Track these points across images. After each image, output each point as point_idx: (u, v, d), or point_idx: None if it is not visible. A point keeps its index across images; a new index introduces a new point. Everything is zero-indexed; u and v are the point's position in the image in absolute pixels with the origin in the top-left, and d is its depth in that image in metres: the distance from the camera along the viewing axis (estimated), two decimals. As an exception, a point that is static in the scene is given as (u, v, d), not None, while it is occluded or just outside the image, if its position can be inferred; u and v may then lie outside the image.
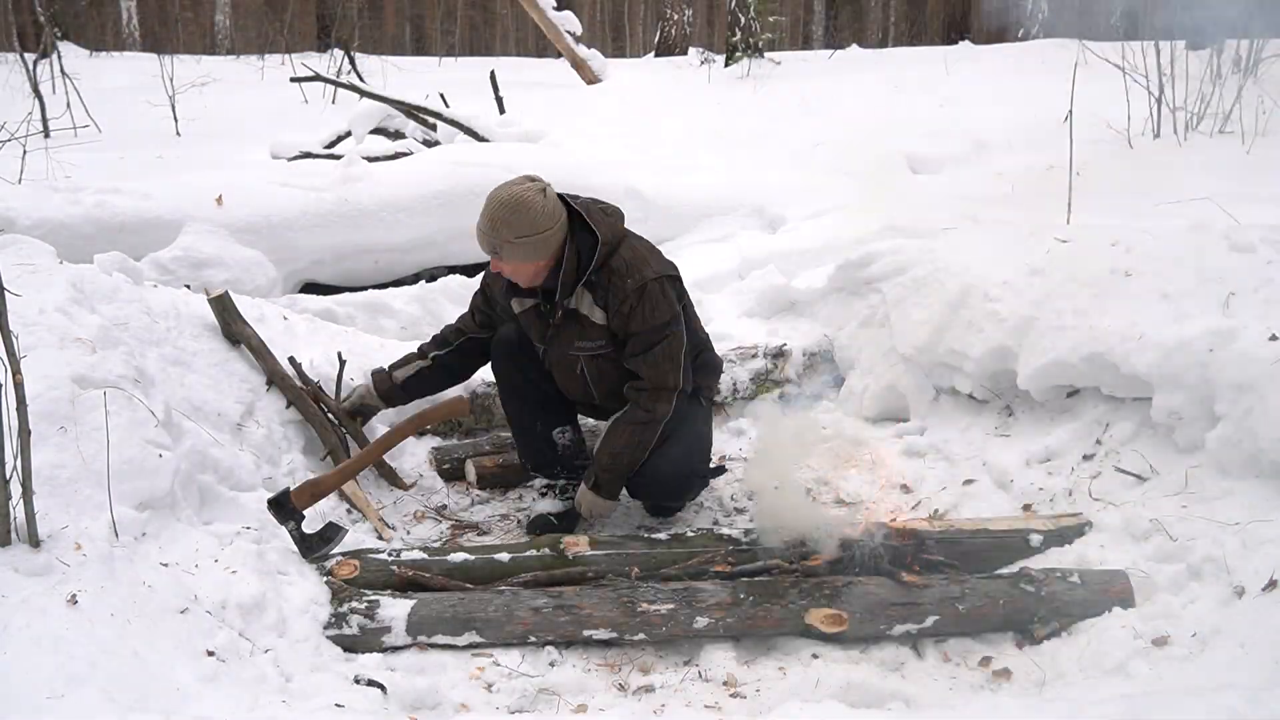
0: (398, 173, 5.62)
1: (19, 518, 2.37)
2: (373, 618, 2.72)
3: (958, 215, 4.98)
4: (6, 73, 11.35)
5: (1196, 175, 6.48)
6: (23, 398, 2.33)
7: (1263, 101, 7.88)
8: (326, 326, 4.16)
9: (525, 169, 5.57)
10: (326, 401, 3.60)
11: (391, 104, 8.02)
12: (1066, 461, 3.41)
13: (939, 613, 2.77)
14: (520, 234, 3.08)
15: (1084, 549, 2.99)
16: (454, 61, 19.53)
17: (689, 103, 10.35)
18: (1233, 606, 2.52)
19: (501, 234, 3.09)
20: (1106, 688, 2.36)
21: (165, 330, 3.36)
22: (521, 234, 3.09)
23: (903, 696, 2.55)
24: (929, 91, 10.40)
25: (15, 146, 5.74)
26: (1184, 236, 3.48)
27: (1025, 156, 7.88)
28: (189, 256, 4.72)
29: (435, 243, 5.49)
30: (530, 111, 9.15)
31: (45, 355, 2.74)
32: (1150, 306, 3.28)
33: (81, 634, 2.19)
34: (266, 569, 2.75)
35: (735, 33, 13.41)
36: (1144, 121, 8.09)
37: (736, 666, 2.70)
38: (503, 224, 3.08)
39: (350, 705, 2.31)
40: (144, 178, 5.41)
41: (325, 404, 3.59)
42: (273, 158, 7.76)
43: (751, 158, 7.36)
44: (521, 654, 2.74)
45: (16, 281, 2.84)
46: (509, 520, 3.58)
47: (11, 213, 4.59)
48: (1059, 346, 3.43)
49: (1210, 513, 2.84)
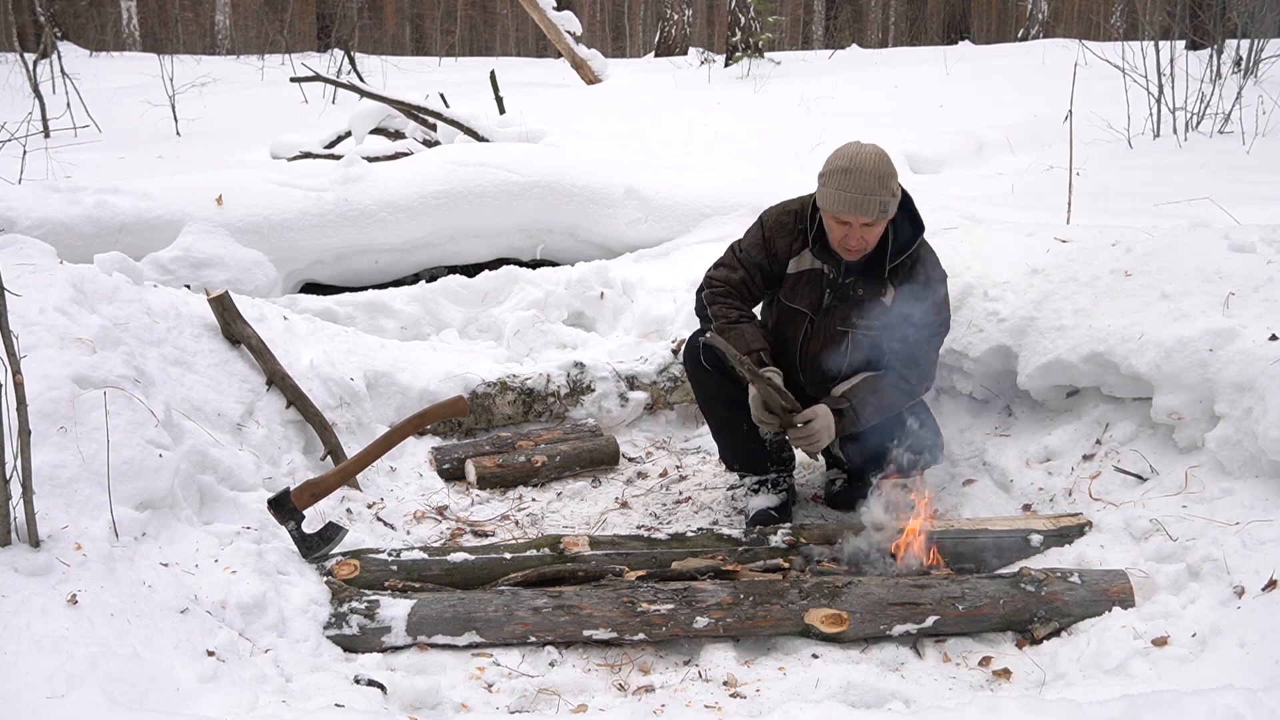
0: (398, 173, 5.62)
1: (19, 518, 2.37)
2: (373, 618, 2.72)
3: (958, 215, 4.98)
4: (6, 73, 11.37)
5: (1196, 175, 6.49)
6: (23, 398, 2.33)
7: (1263, 101, 7.89)
8: (326, 326, 4.17)
9: (525, 169, 5.65)
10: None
11: (391, 104, 8.02)
12: (1066, 461, 3.41)
13: (939, 613, 2.77)
14: (896, 190, 3.12)
15: (1084, 549, 2.99)
16: (454, 61, 19.55)
17: (689, 103, 10.35)
18: (1232, 606, 2.52)
19: (890, 187, 3.07)
20: (1106, 688, 2.36)
21: (165, 330, 3.36)
22: (896, 191, 3.12)
23: (903, 696, 2.55)
24: (929, 91, 10.41)
25: (15, 146, 5.75)
26: (1184, 236, 3.48)
27: (1025, 156, 7.91)
28: (189, 256, 4.73)
29: (435, 243, 5.50)
30: (530, 111, 9.16)
31: (45, 355, 2.74)
32: (1150, 306, 3.28)
33: (81, 634, 2.19)
34: (266, 569, 2.75)
35: (735, 33, 13.42)
36: (1144, 121, 8.10)
37: (736, 666, 2.70)
38: (889, 177, 3.07)
39: (350, 705, 2.31)
40: (144, 178, 5.41)
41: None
42: (273, 158, 7.77)
43: (751, 158, 7.37)
44: (521, 654, 2.74)
45: (16, 281, 2.84)
46: (509, 520, 3.59)
47: (11, 213, 4.59)
48: (1059, 346, 3.43)
49: (1210, 513, 2.84)
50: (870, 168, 3.04)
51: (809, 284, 3.30)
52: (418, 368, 4.10)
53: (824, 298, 3.29)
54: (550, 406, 4.20)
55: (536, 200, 5.58)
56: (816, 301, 3.30)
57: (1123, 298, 3.37)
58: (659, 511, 3.66)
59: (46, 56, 11.87)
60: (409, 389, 4.00)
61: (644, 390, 4.29)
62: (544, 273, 4.94)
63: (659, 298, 4.72)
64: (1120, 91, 7.96)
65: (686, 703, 2.56)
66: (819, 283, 3.29)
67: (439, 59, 20.11)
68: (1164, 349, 3.10)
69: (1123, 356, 3.22)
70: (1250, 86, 8.48)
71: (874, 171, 3.04)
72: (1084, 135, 6.67)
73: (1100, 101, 7.66)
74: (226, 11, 22.21)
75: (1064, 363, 3.42)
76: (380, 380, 4.00)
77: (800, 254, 3.31)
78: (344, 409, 3.78)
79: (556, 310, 4.74)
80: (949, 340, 3.80)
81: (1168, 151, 7.59)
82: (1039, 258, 3.75)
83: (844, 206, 3.06)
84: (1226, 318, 3.08)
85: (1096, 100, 7.46)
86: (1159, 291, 3.30)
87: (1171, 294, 3.26)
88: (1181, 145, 7.73)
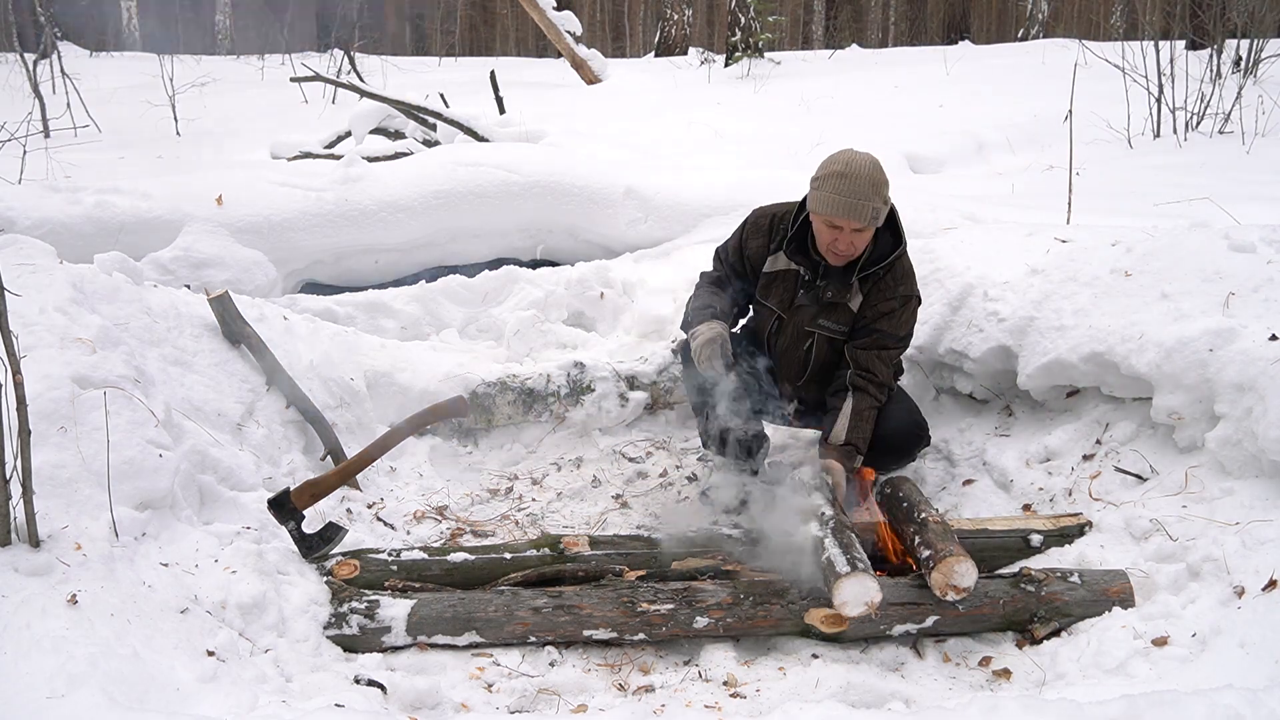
0: (398, 173, 5.62)
1: (19, 518, 2.37)
2: (373, 618, 2.72)
3: (958, 215, 4.98)
4: (6, 73, 11.37)
5: (1196, 175, 6.49)
6: (23, 398, 2.33)
7: (1263, 101, 7.88)
8: (326, 326, 4.17)
9: (525, 169, 5.65)
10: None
11: (391, 104, 8.02)
12: (1066, 461, 3.41)
13: (939, 613, 2.77)
14: (888, 199, 3.17)
15: (1084, 549, 2.99)
16: (454, 61, 19.55)
17: (689, 103, 10.35)
18: (1233, 606, 2.52)
19: (883, 194, 3.14)
20: (1106, 688, 2.36)
21: (165, 330, 3.36)
22: (888, 199, 3.18)
23: (903, 696, 2.55)
24: (929, 91, 10.40)
25: (15, 146, 5.75)
26: (1184, 236, 3.48)
27: (1025, 156, 7.90)
28: (189, 256, 4.72)
29: (435, 243, 5.50)
30: (530, 111, 9.16)
31: (45, 355, 2.74)
32: (1150, 306, 3.28)
33: (81, 634, 2.19)
34: (266, 569, 2.75)
35: (735, 33, 13.42)
36: (1144, 121, 8.10)
37: (736, 666, 2.70)
38: (883, 185, 3.14)
39: (350, 705, 2.31)
40: (144, 178, 5.41)
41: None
42: (273, 158, 7.77)
43: (751, 158, 7.36)
44: (521, 654, 2.74)
45: (16, 281, 2.84)
46: (509, 520, 3.59)
47: (11, 213, 4.60)
48: (1059, 346, 3.43)
49: (1210, 513, 2.84)
50: (865, 174, 3.09)
51: (782, 284, 3.40)
52: (418, 368, 4.10)
53: (795, 298, 3.38)
54: (550, 406, 4.20)
55: (536, 200, 5.58)
56: (787, 301, 3.40)
57: (1123, 298, 3.37)
58: (659, 511, 3.66)
59: (46, 56, 11.86)
60: (409, 389, 4.00)
61: (644, 390, 4.29)
62: (544, 273, 4.94)
63: (659, 298, 4.72)
64: (1120, 91, 7.95)
65: (686, 703, 2.56)
66: (792, 283, 3.39)
67: (439, 59, 20.12)
68: (1164, 349, 3.10)
69: (1123, 356, 3.22)
70: (1250, 86, 8.47)
71: (869, 178, 3.09)
72: (1084, 135, 6.67)
73: (1100, 101, 7.66)
74: (226, 11, 22.20)
75: (1064, 363, 3.42)
76: (380, 380, 4.00)
77: (775, 255, 3.39)
78: (344, 409, 3.78)
79: (556, 310, 4.74)
80: (949, 340, 3.81)
81: (1168, 151, 7.58)
82: (1039, 258, 3.75)
83: (837, 210, 3.10)
84: (1226, 318, 3.08)
85: (1096, 100, 7.46)
86: (1159, 291, 3.30)
87: (1171, 294, 3.26)
88: (1181, 145, 7.73)
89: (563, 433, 4.20)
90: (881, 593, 2.64)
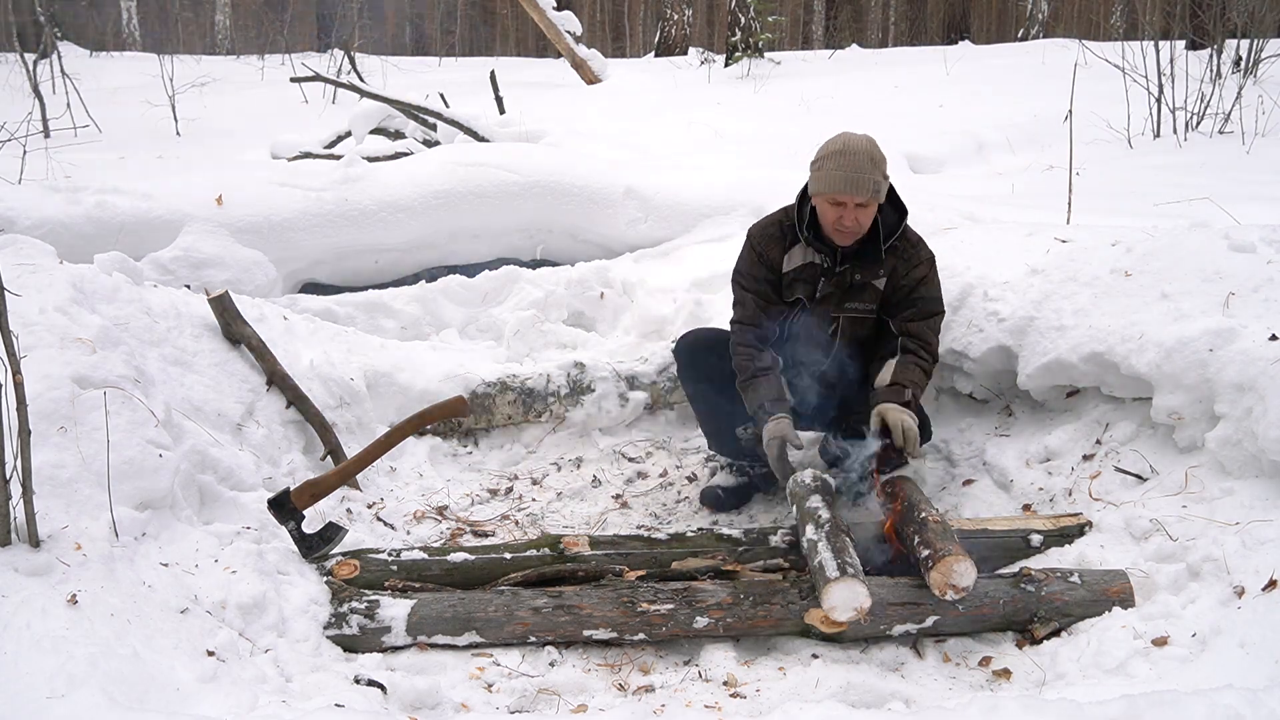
0: (398, 173, 5.62)
1: (19, 518, 2.37)
2: (373, 618, 2.72)
3: (958, 215, 4.98)
4: (6, 73, 11.37)
5: (1196, 175, 6.49)
6: (23, 398, 2.33)
7: (1263, 101, 7.88)
8: (326, 326, 4.17)
9: (525, 169, 5.65)
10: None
11: (391, 104, 8.02)
12: (1066, 461, 3.41)
13: (939, 613, 2.77)
14: (887, 174, 3.22)
15: (1084, 549, 2.99)
16: (454, 61, 19.55)
17: (689, 103, 10.35)
18: (1233, 606, 2.52)
19: (882, 169, 3.19)
20: (1106, 688, 2.36)
21: (165, 330, 3.36)
22: (887, 174, 3.22)
23: (903, 696, 2.55)
24: (929, 91, 10.40)
25: (15, 146, 5.75)
26: (1184, 236, 3.48)
27: (1025, 156, 7.90)
28: (189, 256, 4.72)
29: (435, 243, 5.49)
30: (530, 111, 9.16)
31: (45, 355, 2.74)
32: (1150, 306, 3.28)
33: (81, 634, 2.19)
34: (266, 569, 2.75)
35: (735, 33, 13.42)
36: (1144, 121, 8.10)
37: (736, 666, 2.70)
38: (881, 160, 3.20)
39: (350, 705, 2.31)
40: (144, 178, 5.41)
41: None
42: (273, 158, 7.77)
43: (751, 158, 7.36)
44: (521, 654, 2.74)
45: (16, 281, 2.84)
46: (509, 520, 3.59)
47: (11, 213, 4.59)
48: (1059, 346, 3.43)
49: (1210, 513, 2.84)
50: (863, 149, 3.17)
51: (805, 278, 3.39)
52: (418, 368, 4.10)
53: (817, 288, 3.37)
54: (550, 406, 4.20)
55: (536, 200, 5.58)
56: (811, 293, 3.40)
57: (1123, 298, 3.37)
58: (659, 511, 3.67)
59: (46, 56, 11.87)
60: (409, 389, 4.00)
61: (644, 390, 4.29)
62: (544, 273, 4.94)
63: (659, 298, 4.72)
64: (1120, 91, 7.95)
65: (686, 703, 2.56)
66: (814, 273, 3.38)
67: (439, 59, 20.11)
68: (1164, 349, 3.10)
69: (1123, 356, 3.22)
70: (1250, 86, 8.47)
71: (867, 153, 3.16)
72: (1084, 135, 6.66)
73: (1100, 101, 7.65)
74: (226, 11, 22.19)
75: (1064, 363, 3.42)
76: (380, 380, 4.00)
77: (791, 250, 3.39)
78: (344, 409, 3.79)
79: (556, 310, 4.74)
80: (949, 340, 3.81)
81: (1168, 151, 7.58)
82: (1039, 258, 3.75)
83: (840, 186, 3.14)
84: (1226, 318, 3.08)
85: (1096, 100, 7.45)
86: (1159, 291, 3.30)
87: (1171, 294, 3.26)
88: (1181, 145, 7.73)
89: (563, 433, 4.20)
90: (871, 599, 2.64)
